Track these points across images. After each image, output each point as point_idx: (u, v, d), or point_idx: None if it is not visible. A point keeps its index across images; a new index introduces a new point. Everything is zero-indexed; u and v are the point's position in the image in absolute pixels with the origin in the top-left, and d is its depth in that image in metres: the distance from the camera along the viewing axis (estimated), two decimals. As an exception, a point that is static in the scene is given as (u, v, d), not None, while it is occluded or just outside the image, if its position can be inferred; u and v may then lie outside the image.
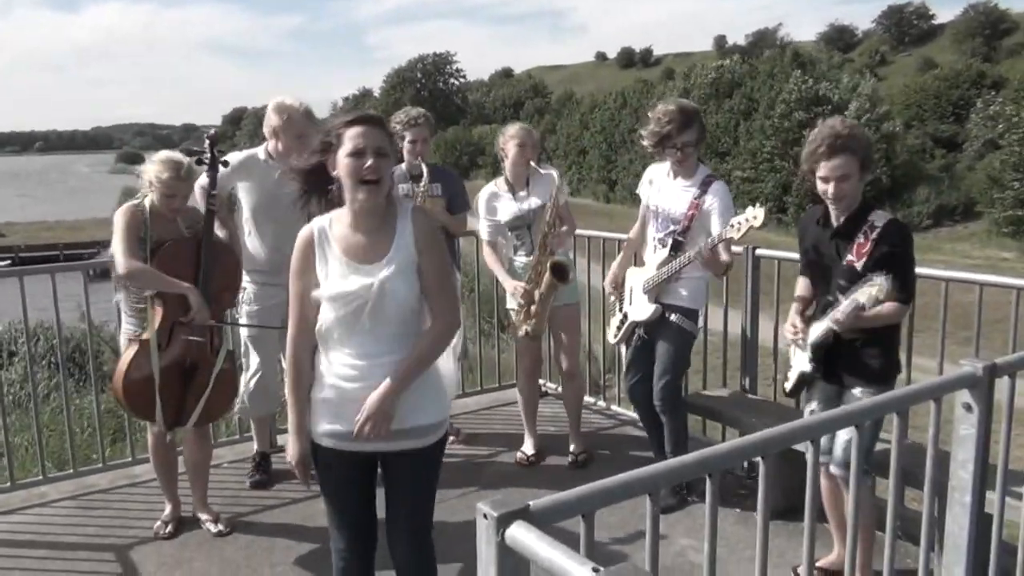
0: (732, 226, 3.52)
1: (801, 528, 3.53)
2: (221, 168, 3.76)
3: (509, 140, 4.33)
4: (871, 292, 2.83)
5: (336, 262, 2.40)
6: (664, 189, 3.93)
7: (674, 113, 3.75)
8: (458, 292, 4.54)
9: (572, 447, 4.48)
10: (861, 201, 3.08)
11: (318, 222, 2.46)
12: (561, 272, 4.19)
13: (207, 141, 3.76)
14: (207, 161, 3.71)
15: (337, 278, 2.38)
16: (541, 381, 5.54)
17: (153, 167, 3.49)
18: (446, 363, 2.59)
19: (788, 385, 3.31)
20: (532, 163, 4.31)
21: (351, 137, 2.34)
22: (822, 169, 3.02)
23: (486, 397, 5.52)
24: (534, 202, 4.29)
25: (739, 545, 3.56)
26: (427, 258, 2.42)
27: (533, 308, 4.28)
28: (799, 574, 3.21)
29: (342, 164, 2.35)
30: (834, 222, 3.11)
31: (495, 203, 4.41)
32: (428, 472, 2.54)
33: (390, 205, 2.45)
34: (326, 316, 2.39)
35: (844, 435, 3.00)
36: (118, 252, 3.43)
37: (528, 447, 4.55)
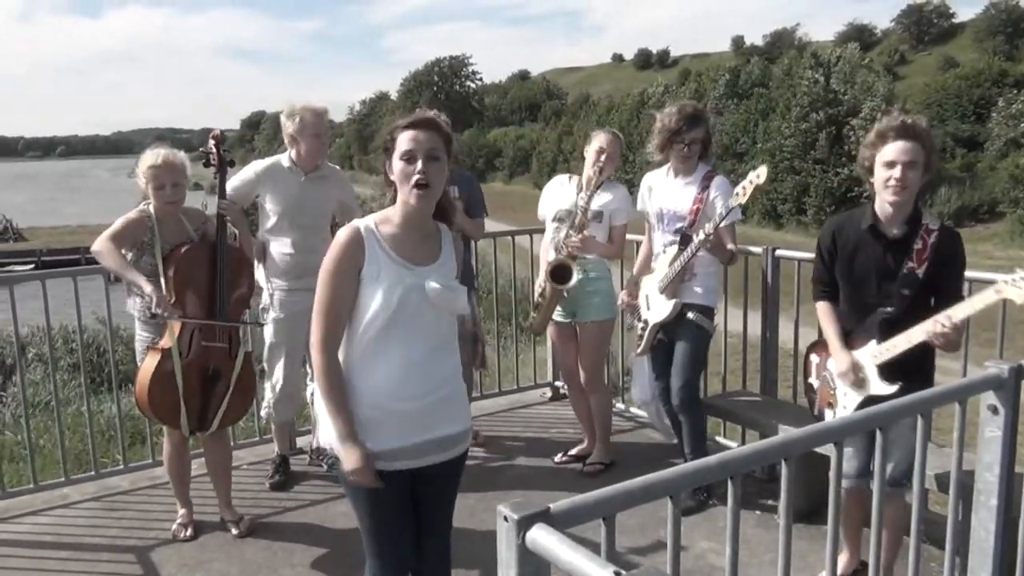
0: (737, 194, 3.53)
1: (824, 531, 3.53)
2: (228, 169, 3.77)
3: (591, 143, 4.18)
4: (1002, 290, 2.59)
5: (391, 261, 2.34)
6: (666, 190, 3.96)
7: (683, 111, 3.83)
8: (473, 304, 4.55)
9: (592, 455, 4.46)
10: (915, 205, 2.93)
11: (362, 222, 2.40)
12: (557, 275, 4.15)
13: (211, 141, 3.74)
14: (214, 163, 3.71)
15: (393, 278, 2.32)
16: (559, 383, 5.55)
17: (140, 163, 3.51)
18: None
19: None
20: (607, 172, 4.15)
21: (404, 141, 2.32)
22: (889, 152, 2.81)
23: (504, 399, 5.51)
24: (596, 203, 4.15)
25: (760, 548, 3.53)
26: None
27: (540, 304, 4.32)
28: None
29: (396, 167, 2.33)
30: (888, 229, 2.93)
31: (555, 190, 4.34)
32: (456, 477, 2.56)
33: (438, 214, 2.45)
34: (377, 318, 2.30)
35: (895, 454, 2.83)
36: (102, 235, 3.45)
37: (574, 448, 4.56)
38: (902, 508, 3.03)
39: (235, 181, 4.09)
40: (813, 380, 3.30)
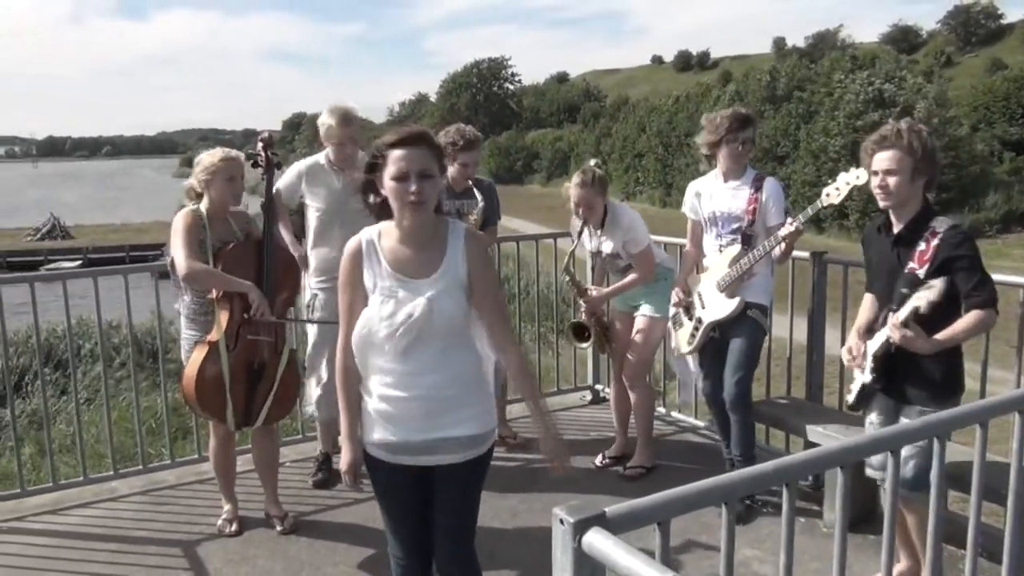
0: (828, 194, 3.54)
1: (869, 541, 3.48)
2: (276, 171, 3.83)
3: (567, 201, 4.27)
4: (927, 296, 2.78)
5: (385, 275, 2.40)
6: (717, 195, 3.99)
7: (733, 114, 3.93)
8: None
9: (633, 458, 4.45)
10: (923, 206, 3.02)
11: (366, 233, 2.47)
12: (575, 333, 4.52)
13: (259, 144, 3.82)
14: (262, 164, 3.77)
15: (386, 292, 2.38)
16: (599, 387, 5.54)
17: (207, 158, 3.57)
18: (489, 375, 2.61)
19: (851, 398, 3.26)
20: (598, 205, 4.22)
21: (394, 160, 2.33)
22: (874, 162, 3.01)
23: (544, 402, 5.49)
24: (606, 247, 4.29)
25: (804, 556, 3.49)
26: (482, 283, 2.43)
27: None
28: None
29: (388, 187, 2.36)
30: (894, 228, 3.06)
31: (576, 231, 4.39)
32: (474, 481, 2.55)
33: (439, 220, 2.46)
34: (373, 328, 2.38)
35: (906, 454, 2.89)
36: (179, 255, 3.47)
37: (610, 449, 4.57)
38: (943, 517, 2.99)
39: (280, 183, 4.17)
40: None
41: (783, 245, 3.70)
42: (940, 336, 2.88)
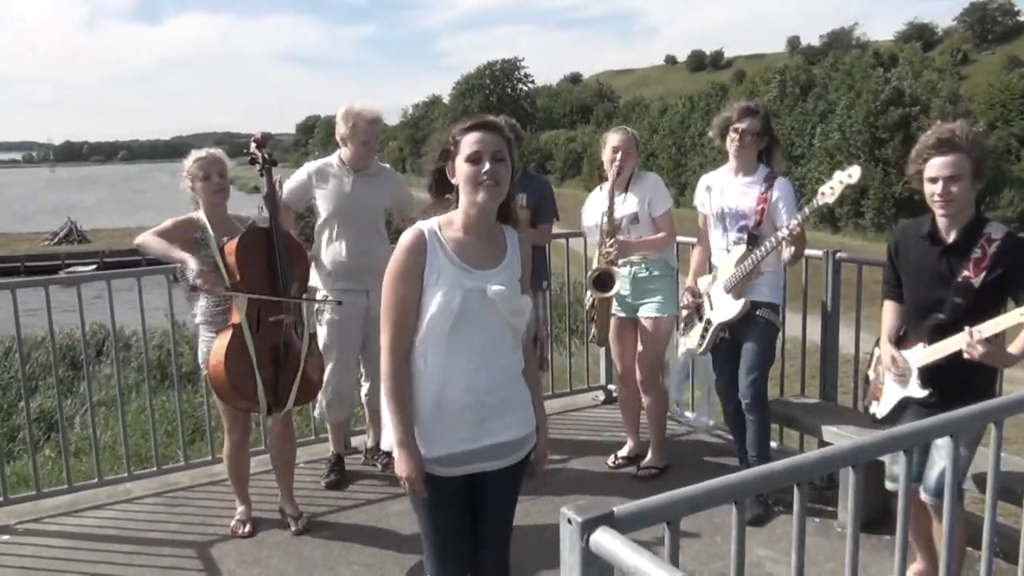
0: (823, 193, 3.50)
1: (884, 541, 3.45)
2: (272, 166, 3.86)
3: (606, 146, 4.26)
4: None
5: (451, 265, 2.33)
6: (727, 190, 3.95)
7: (737, 107, 3.92)
8: (539, 305, 4.50)
9: (646, 458, 4.44)
10: (975, 212, 2.90)
11: (426, 225, 2.38)
12: (600, 284, 4.25)
13: (252, 144, 3.84)
14: (258, 161, 3.79)
15: (451, 282, 2.31)
16: (612, 387, 5.52)
17: (185, 163, 3.71)
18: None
19: (881, 411, 3.16)
20: (634, 156, 4.23)
21: (469, 143, 2.31)
22: (931, 168, 2.85)
23: (557, 402, 5.48)
24: (628, 208, 4.23)
25: (819, 557, 3.46)
26: (526, 278, 2.47)
27: (594, 316, 4.40)
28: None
29: (460, 170, 2.32)
30: (945, 236, 2.91)
31: (594, 202, 4.39)
32: (517, 484, 2.54)
33: (499, 216, 2.43)
34: (436, 322, 2.31)
35: (940, 463, 2.84)
36: (147, 231, 3.60)
37: (623, 450, 4.55)
38: (959, 517, 2.96)
39: (290, 184, 4.19)
40: (870, 372, 3.32)
41: (787, 245, 3.66)
42: (1013, 349, 2.78)
